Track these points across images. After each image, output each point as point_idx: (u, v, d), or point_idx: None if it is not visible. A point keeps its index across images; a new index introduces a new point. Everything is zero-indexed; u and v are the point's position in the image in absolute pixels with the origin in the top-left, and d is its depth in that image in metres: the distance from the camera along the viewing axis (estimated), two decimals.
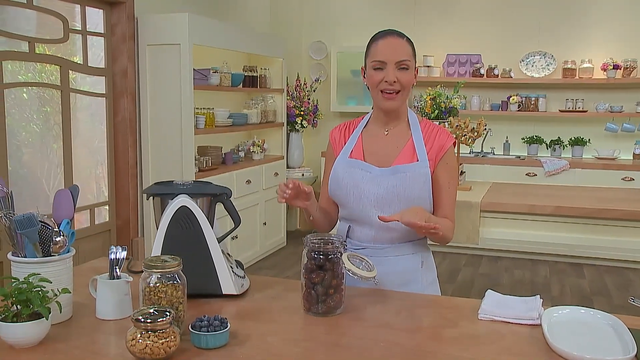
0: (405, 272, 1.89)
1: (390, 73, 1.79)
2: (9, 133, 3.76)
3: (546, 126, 6.50)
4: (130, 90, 4.44)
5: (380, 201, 1.82)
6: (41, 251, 1.48)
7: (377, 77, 1.81)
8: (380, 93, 1.83)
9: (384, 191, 1.81)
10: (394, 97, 1.83)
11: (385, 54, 1.80)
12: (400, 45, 1.81)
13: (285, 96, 6.07)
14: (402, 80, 1.80)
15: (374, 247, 1.88)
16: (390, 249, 1.87)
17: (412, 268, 1.90)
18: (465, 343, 1.45)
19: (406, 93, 1.85)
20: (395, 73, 1.80)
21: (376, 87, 1.83)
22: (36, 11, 3.85)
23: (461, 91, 6.49)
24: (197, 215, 1.68)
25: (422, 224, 1.63)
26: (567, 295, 4.65)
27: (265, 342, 1.42)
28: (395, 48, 1.80)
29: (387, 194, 1.81)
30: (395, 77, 1.79)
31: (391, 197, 1.81)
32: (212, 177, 4.67)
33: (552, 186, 5.51)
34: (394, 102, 1.84)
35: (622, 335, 1.45)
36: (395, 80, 1.80)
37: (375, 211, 1.83)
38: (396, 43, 1.81)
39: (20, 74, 3.88)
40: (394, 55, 1.79)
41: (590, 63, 6.19)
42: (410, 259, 1.90)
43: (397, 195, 1.81)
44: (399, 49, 1.80)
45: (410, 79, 1.83)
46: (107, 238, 4.49)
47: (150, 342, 1.28)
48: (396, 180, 1.81)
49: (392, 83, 1.80)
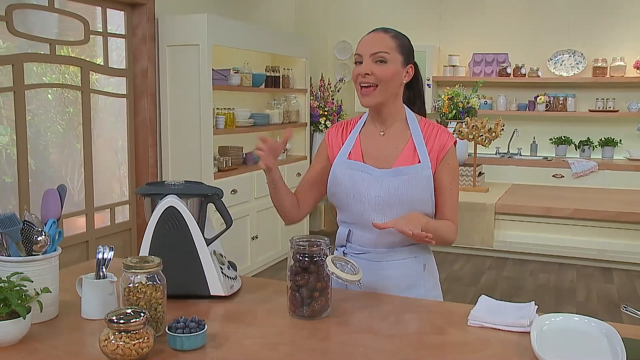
0: (408, 276, 1.85)
1: (365, 65, 1.74)
2: (35, 133, 3.86)
3: (575, 126, 6.34)
4: (150, 90, 4.49)
5: (381, 204, 1.78)
6: (25, 250, 1.49)
7: (355, 71, 1.78)
8: (360, 88, 1.78)
9: (385, 193, 1.77)
10: (370, 92, 1.76)
11: (363, 47, 1.77)
12: (380, 39, 1.76)
13: (308, 96, 6.06)
14: (376, 72, 1.74)
15: (375, 251, 1.84)
16: (392, 253, 1.83)
17: (414, 272, 1.86)
18: (449, 350, 1.41)
19: (385, 88, 1.76)
20: (370, 66, 1.74)
21: (355, 83, 1.79)
22: (58, 14, 3.92)
23: (487, 91, 6.41)
24: (185, 216, 1.68)
25: (414, 232, 1.59)
26: (592, 301, 4.51)
27: (242, 346, 1.40)
28: (374, 41, 1.76)
29: (388, 197, 1.77)
30: (370, 70, 1.73)
31: (392, 199, 1.77)
32: (231, 177, 4.69)
33: (576, 188, 5.36)
34: (371, 97, 1.77)
35: (614, 344, 1.38)
36: (368, 73, 1.74)
37: (376, 214, 1.79)
38: (376, 37, 1.77)
39: (46, 75, 3.96)
40: (370, 47, 1.75)
41: (622, 61, 6.01)
42: (412, 263, 1.86)
43: (398, 197, 1.76)
44: (377, 42, 1.76)
45: (387, 72, 1.74)
46: (128, 237, 4.56)
47: (122, 343, 1.27)
48: (398, 183, 1.77)
49: (364, 75, 1.74)
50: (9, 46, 3.66)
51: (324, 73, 6.67)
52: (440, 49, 6.61)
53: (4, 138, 3.70)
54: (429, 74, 6.34)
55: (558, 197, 4.78)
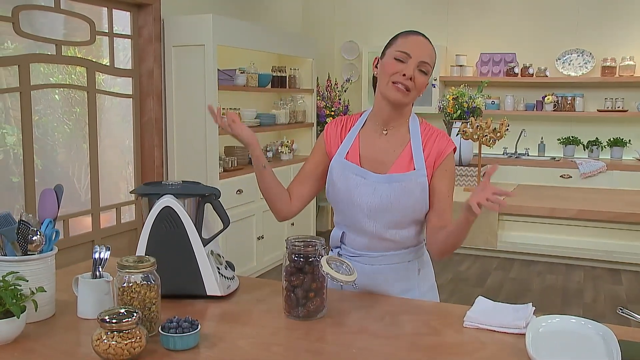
0: (401, 280, 1.84)
1: (411, 67, 1.71)
2: (43, 133, 3.88)
3: (583, 126, 6.29)
4: (156, 91, 4.51)
5: (372, 210, 1.76)
6: (21, 250, 1.50)
7: (395, 67, 1.72)
8: (391, 83, 1.73)
9: (378, 201, 1.75)
10: (403, 91, 1.73)
11: (413, 48, 1.73)
12: (429, 48, 1.76)
13: (315, 96, 6.06)
14: (418, 81, 1.72)
15: (368, 254, 1.83)
16: (386, 257, 1.82)
17: (408, 276, 1.85)
18: (443, 352, 1.40)
19: (416, 95, 1.76)
20: (414, 71, 1.72)
21: (389, 77, 1.73)
22: (64, 15, 3.94)
23: (494, 91, 6.38)
24: (181, 216, 1.68)
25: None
26: (600, 303, 4.47)
27: (235, 346, 1.40)
28: (424, 48, 1.74)
29: (380, 204, 1.75)
30: (413, 75, 1.71)
31: (385, 206, 1.75)
32: (237, 177, 4.70)
33: (582, 189, 5.30)
34: (403, 96, 1.73)
35: (610, 346, 1.37)
36: (412, 77, 1.71)
37: (367, 220, 1.78)
38: (425, 44, 1.75)
39: (53, 76, 3.99)
40: (421, 53, 1.73)
41: (631, 60, 5.95)
42: (406, 267, 1.84)
43: (390, 204, 1.75)
44: (426, 50, 1.74)
45: (425, 83, 1.75)
46: (134, 237, 4.57)
47: (114, 343, 1.28)
48: (391, 190, 1.75)
49: (410, 78, 1.71)
50: (15, 47, 3.69)
51: (330, 73, 6.67)
52: (448, 48, 6.58)
53: (11, 138, 3.73)
54: (436, 74, 6.31)
55: (563, 198, 4.73)
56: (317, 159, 1.90)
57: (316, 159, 1.90)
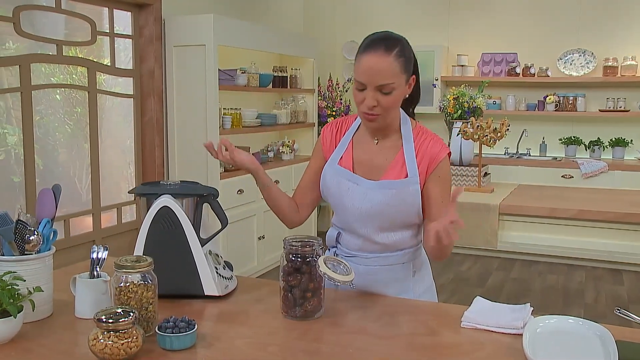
0: (396, 281, 1.83)
1: (370, 98, 1.64)
2: (44, 133, 3.89)
3: (585, 126, 6.28)
4: (157, 90, 4.51)
5: (363, 215, 1.76)
6: (18, 250, 1.50)
7: (358, 97, 1.69)
8: (362, 112, 1.71)
9: (369, 206, 1.75)
10: (374, 119, 1.70)
11: (365, 75, 1.64)
12: (384, 65, 1.62)
13: (316, 96, 6.06)
14: (382, 103, 1.65)
15: (362, 255, 1.83)
16: (380, 258, 1.82)
17: (403, 277, 1.84)
18: (440, 352, 1.40)
19: (389, 113, 1.71)
20: (375, 96, 1.64)
21: (358, 106, 1.71)
22: (65, 15, 3.95)
23: (496, 91, 6.37)
24: (179, 216, 1.68)
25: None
26: (601, 303, 4.46)
27: (232, 346, 1.40)
28: (378, 70, 1.62)
29: (371, 210, 1.75)
30: (376, 101, 1.65)
31: (375, 212, 1.75)
32: (238, 177, 4.70)
33: (582, 189, 5.31)
34: (375, 123, 1.72)
35: (607, 347, 1.37)
36: (374, 105, 1.65)
37: (359, 224, 1.78)
38: (380, 63, 1.62)
39: (54, 76, 4.00)
40: (375, 78, 1.62)
41: (633, 60, 5.94)
42: (400, 269, 1.84)
43: (381, 210, 1.74)
44: (381, 71, 1.62)
45: (394, 101, 1.68)
46: (135, 236, 4.55)
47: (110, 343, 1.28)
48: (382, 197, 1.74)
49: (372, 108, 1.66)
50: (17, 47, 3.70)
51: (332, 73, 6.67)
52: (449, 48, 6.58)
53: (12, 138, 3.74)
54: (437, 73, 6.31)
55: (564, 198, 4.73)
56: (317, 165, 1.90)
57: (317, 164, 1.91)
